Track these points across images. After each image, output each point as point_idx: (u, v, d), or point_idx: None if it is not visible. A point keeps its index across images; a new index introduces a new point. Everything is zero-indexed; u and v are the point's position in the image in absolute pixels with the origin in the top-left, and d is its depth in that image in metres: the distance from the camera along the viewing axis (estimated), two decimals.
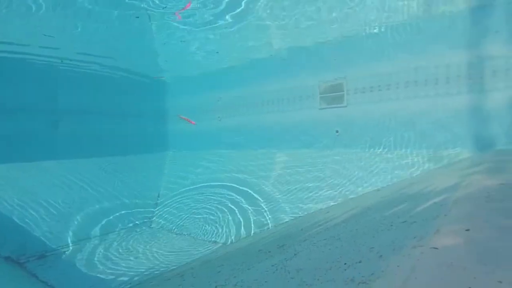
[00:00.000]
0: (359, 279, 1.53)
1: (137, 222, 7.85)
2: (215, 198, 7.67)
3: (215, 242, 6.41)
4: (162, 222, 7.90)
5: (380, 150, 6.39)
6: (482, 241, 1.52)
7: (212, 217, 7.16)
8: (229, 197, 7.44)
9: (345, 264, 1.84)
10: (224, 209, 7.16)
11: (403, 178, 5.82)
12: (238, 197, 7.28)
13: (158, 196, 8.89)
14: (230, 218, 6.84)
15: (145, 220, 8.05)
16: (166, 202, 8.55)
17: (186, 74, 9.93)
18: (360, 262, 1.76)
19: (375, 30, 6.51)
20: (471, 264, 1.29)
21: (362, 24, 6.54)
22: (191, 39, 7.68)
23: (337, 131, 6.94)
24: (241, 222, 6.61)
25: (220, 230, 6.69)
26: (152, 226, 7.88)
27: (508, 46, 5.26)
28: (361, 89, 6.64)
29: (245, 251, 4.36)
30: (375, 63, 6.48)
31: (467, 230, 1.66)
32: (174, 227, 7.51)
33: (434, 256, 1.42)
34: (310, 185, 6.66)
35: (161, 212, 8.29)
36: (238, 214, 6.83)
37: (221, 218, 6.99)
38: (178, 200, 8.40)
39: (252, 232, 6.23)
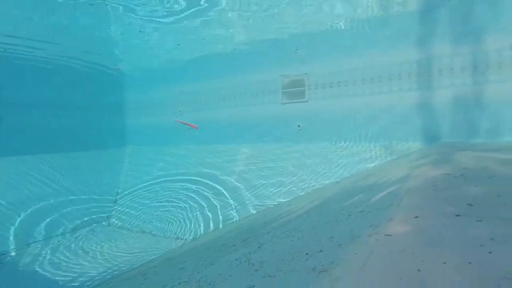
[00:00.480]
0: (320, 267, 1.59)
1: (94, 221, 7.47)
2: (177, 194, 7.52)
3: (178, 238, 6.30)
4: (122, 220, 7.60)
5: (340, 143, 6.65)
6: (429, 227, 1.65)
7: (174, 213, 7.02)
8: (192, 192, 7.33)
9: (306, 254, 1.91)
10: (187, 205, 7.05)
11: (361, 170, 6.13)
12: (201, 192, 7.21)
13: (117, 194, 8.51)
14: (193, 213, 6.76)
15: (103, 219, 7.68)
16: (126, 199, 8.22)
17: (145, 66, 9.54)
18: (321, 251, 1.83)
19: (335, 28, 6.72)
20: (419, 248, 1.40)
21: (323, 20, 6.74)
22: (152, 31, 7.40)
23: (299, 126, 7.10)
24: (204, 217, 6.56)
25: (183, 226, 6.59)
26: (110, 224, 7.54)
27: (452, 46, 5.72)
28: (321, 85, 6.84)
29: (209, 246, 4.34)
30: (334, 60, 6.70)
31: (416, 217, 1.80)
32: (134, 225, 7.26)
33: (388, 243, 1.52)
34: (273, 179, 6.77)
35: (120, 210, 7.96)
36: (201, 209, 6.77)
37: (184, 214, 6.88)
38: (139, 196, 8.12)
39: (216, 227, 6.22)
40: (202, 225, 6.40)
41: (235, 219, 6.18)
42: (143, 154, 9.48)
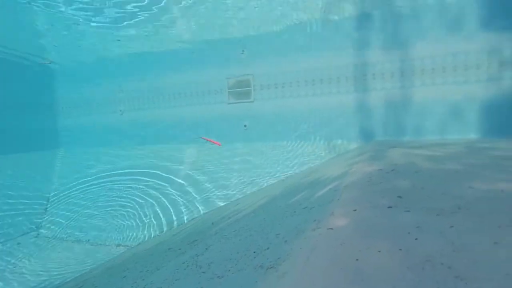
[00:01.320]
0: (268, 264, 1.63)
1: (21, 232, 6.68)
2: (117, 198, 7.07)
3: (119, 245, 5.93)
4: (53, 229, 6.92)
5: (285, 142, 6.87)
6: (365, 219, 1.78)
7: (114, 219, 6.60)
8: (133, 196, 6.97)
9: (254, 252, 1.93)
10: (128, 209, 6.68)
11: (304, 168, 6.40)
12: (144, 196, 6.88)
13: (48, 200, 7.72)
14: (135, 218, 6.42)
15: (32, 229, 6.91)
16: (58, 206, 7.50)
17: (80, 61, 8.80)
18: (268, 248, 1.87)
19: (280, 31, 6.92)
20: (357, 239, 1.51)
21: (269, 23, 6.90)
22: (89, 22, 6.85)
23: (245, 126, 7.17)
24: (147, 221, 6.28)
25: (124, 232, 6.22)
26: (40, 235, 6.81)
27: (383, 53, 6.27)
28: (266, 86, 7.00)
29: (153, 251, 4.16)
30: (279, 62, 6.90)
31: (355, 210, 1.93)
32: (69, 234, 6.66)
33: (330, 236, 1.61)
34: (221, 178, 6.73)
35: (51, 219, 7.23)
36: (143, 213, 6.46)
37: (125, 219, 6.50)
38: (73, 203, 7.46)
39: (161, 231, 5.99)
40: (145, 230, 6.11)
41: (181, 222, 6.02)
42: (78, 156, 8.72)
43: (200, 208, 6.25)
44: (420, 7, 6.06)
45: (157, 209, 6.48)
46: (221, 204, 6.15)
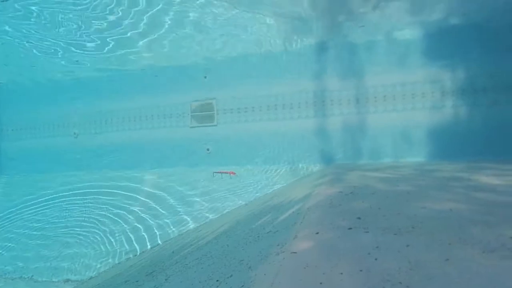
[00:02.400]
0: None
1: None
2: (66, 229, 6.52)
3: (68, 281, 5.40)
4: None
5: (248, 166, 6.88)
6: (327, 241, 1.81)
7: (63, 251, 6.04)
8: (86, 226, 6.47)
9: (217, 281, 1.86)
10: (80, 240, 6.17)
11: (268, 191, 6.42)
12: (97, 225, 6.42)
13: None
14: (87, 249, 5.93)
15: None
16: None
17: (31, 80, 8.27)
18: (231, 276, 1.81)
19: (244, 58, 7.11)
20: (320, 262, 1.52)
21: (233, 50, 7.09)
22: (45, 42, 6.56)
23: (208, 150, 7.10)
24: (100, 252, 5.82)
25: (74, 265, 5.70)
26: None
27: (339, 81, 6.68)
28: (230, 110, 7.06)
29: (107, 285, 3.83)
30: (242, 87, 7.04)
31: (317, 233, 1.95)
32: (9, 270, 5.95)
33: (294, 260, 1.60)
34: (181, 205, 6.52)
35: None
36: (96, 244, 6.00)
37: (76, 250, 5.98)
38: (14, 235, 6.74)
39: (115, 262, 5.57)
40: (98, 261, 5.64)
41: (137, 252, 5.65)
42: (22, 183, 7.99)
43: (159, 236, 5.95)
44: (372, 41, 6.61)
45: (111, 238, 6.06)
46: (183, 231, 5.91)
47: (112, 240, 6.03)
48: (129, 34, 6.79)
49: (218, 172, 6.85)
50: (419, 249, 1.56)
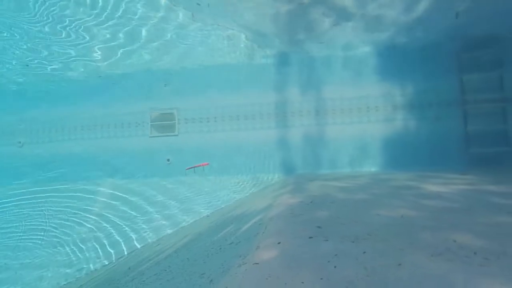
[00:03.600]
0: None
1: None
2: (10, 248, 5.92)
3: None
4: None
5: (210, 176, 6.79)
6: (289, 251, 1.83)
7: (8, 271, 5.46)
8: (31, 243, 5.92)
9: None
10: (26, 260, 5.62)
11: (230, 202, 6.36)
12: (46, 240, 5.91)
13: None
14: (34, 269, 5.41)
15: None
16: None
17: None
18: None
19: (204, 68, 7.08)
20: (282, 271, 1.52)
21: (194, 59, 7.04)
22: None
23: (168, 160, 6.91)
24: (48, 271, 5.34)
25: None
26: None
27: (300, 94, 6.90)
28: (191, 120, 6.96)
29: None
30: (205, 97, 7.00)
31: (279, 243, 1.96)
32: None
33: (256, 271, 1.59)
34: (140, 217, 6.23)
35: None
36: (44, 262, 5.50)
37: (16, 273, 5.43)
38: None
39: (63, 282, 5.13)
40: (44, 282, 5.16)
41: (87, 271, 5.27)
42: None
43: (110, 253, 5.59)
44: (330, 57, 6.95)
45: (59, 257, 5.60)
46: (139, 245, 5.63)
47: (61, 257, 5.57)
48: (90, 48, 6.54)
49: (190, 168, 6.67)
50: (375, 256, 1.64)
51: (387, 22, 5.91)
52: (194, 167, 6.60)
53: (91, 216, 6.33)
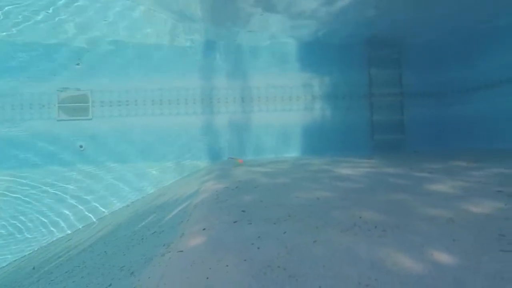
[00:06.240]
0: None
1: None
2: None
3: None
4: None
5: (130, 164, 6.38)
6: (214, 236, 1.85)
7: None
8: None
9: None
10: None
11: (152, 190, 6.10)
12: None
13: None
14: None
15: None
16: None
17: None
18: (110, 285, 1.65)
19: (126, 48, 6.52)
20: (207, 257, 1.54)
21: (115, 37, 6.41)
22: None
23: (81, 146, 6.25)
24: None
25: None
26: None
27: (226, 80, 6.89)
28: (108, 103, 6.38)
29: None
30: (123, 79, 6.46)
31: (204, 229, 1.97)
32: None
33: (181, 259, 1.57)
34: (48, 210, 5.56)
35: None
36: None
37: None
38: None
39: None
40: None
41: None
42: None
43: (10, 251, 4.92)
44: (257, 46, 7.07)
45: None
46: (46, 242, 5.05)
47: None
48: None
49: (232, 158, 6.15)
50: (294, 235, 1.77)
51: (309, 15, 6.24)
52: (234, 158, 6.08)
53: None
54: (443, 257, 1.38)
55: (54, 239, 5.19)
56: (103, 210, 5.74)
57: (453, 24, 6.64)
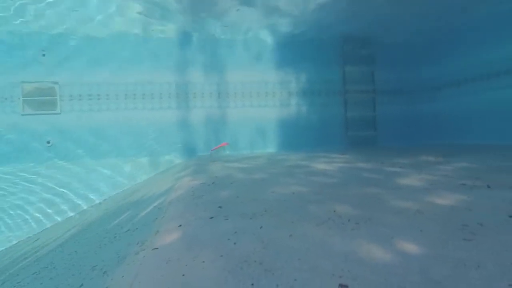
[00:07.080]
0: None
1: None
2: None
3: None
4: None
5: (102, 160, 6.17)
6: (190, 232, 1.83)
7: None
8: None
9: None
10: None
11: (125, 187, 5.93)
12: None
13: None
14: None
15: None
16: None
17: None
18: (81, 286, 1.59)
19: (96, 39, 6.25)
20: (183, 254, 1.52)
21: (86, 29, 6.13)
22: None
23: (48, 142, 5.96)
24: None
25: None
26: None
27: (202, 75, 6.80)
28: (78, 96, 6.12)
29: None
30: (94, 72, 6.22)
31: (180, 226, 1.94)
32: None
33: (155, 257, 1.55)
34: (13, 211, 5.27)
35: None
36: None
37: None
38: None
39: None
40: None
41: None
42: None
43: None
44: (234, 41, 7.01)
45: None
46: (11, 242, 4.80)
47: None
48: None
49: (214, 149, 5.99)
50: (270, 230, 1.78)
51: (285, 13, 6.27)
52: (217, 148, 5.97)
53: None
54: (411, 247, 1.44)
55: (21, 240, 4.93)
56: (72, 207, 5.53)
57: (423, 25, 6.92)
